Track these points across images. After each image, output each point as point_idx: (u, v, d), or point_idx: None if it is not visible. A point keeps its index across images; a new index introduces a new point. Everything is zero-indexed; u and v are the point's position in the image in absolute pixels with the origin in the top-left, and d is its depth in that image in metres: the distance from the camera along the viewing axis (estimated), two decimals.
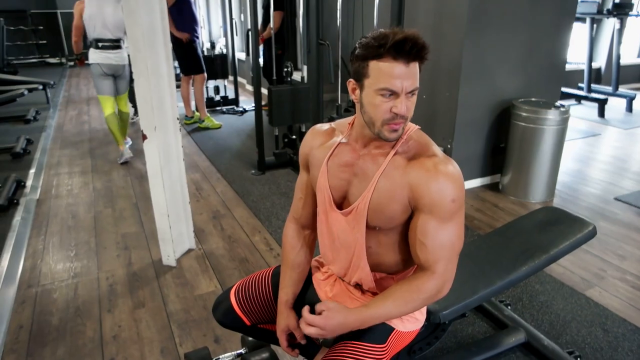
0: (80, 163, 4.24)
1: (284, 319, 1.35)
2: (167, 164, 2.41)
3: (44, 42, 10.71)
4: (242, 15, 7.28)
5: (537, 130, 3.20)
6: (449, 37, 3.24)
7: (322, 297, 1.39)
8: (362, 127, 1.16)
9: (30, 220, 3.11)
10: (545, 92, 3.57)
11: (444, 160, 1.11)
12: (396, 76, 1.02)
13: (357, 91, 1.12)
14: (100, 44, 3.93)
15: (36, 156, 4.34)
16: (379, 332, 1.24)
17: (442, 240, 1.11)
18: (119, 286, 2.40)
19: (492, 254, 1.74)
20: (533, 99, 3.40)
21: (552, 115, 3.14)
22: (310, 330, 1.10)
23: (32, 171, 3.96)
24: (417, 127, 1.21)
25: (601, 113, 5.75)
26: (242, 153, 4.43)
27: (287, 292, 1.36)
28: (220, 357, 1.76)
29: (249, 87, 7.49)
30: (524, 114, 3.22)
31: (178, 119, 2.45)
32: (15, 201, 3.30)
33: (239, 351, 1.77)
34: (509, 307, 2.15)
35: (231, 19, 5.91)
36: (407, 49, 1.00)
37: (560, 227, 1.81)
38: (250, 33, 4.14)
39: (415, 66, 1.04)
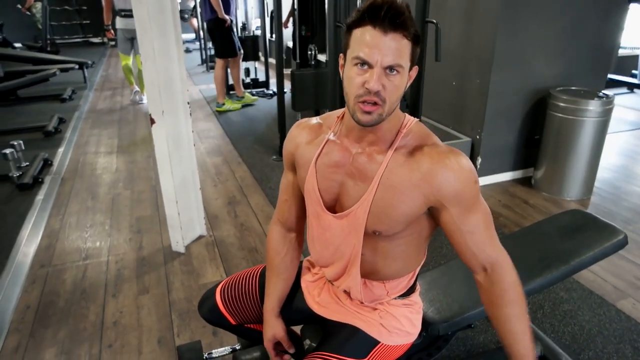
0: (108, 143, 4.30)
1: (271, 328, 1.27)
2: (176, 150, 2.36)
3: (88, 22, 11.00)
4: None
5: (575, 122, 2.95)
6: (481, 20, 3.02)
7: (309, 302, 1.30)
8: (351, 119, 1.03)
9: (52, 200, 3.16)
10: (589, 80, 3.29)
11: (447, 149, 1.00)
12: (370, 44, 0.90)
13: (343, 67, 1.00)
14: (122, 13, 5.00)
15: (66, 135, 4.43)
16: (361, 345, 1.14)
17: (482, 223, 1.04)
18: (126, 270, 2.39)
19: None
20: (573, 88, 3.14)
21: (592, 105, 2.88)
22: None
23: (60, 150, 4.04)
24: (416, 119, 1.08)
25: None
26: (266, 137, 4.36)
27: (272, 299, 1.28)
28: (213, 352, 1.70)
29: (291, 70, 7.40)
30: (562, 104, 2.97)
31: (189, 103, 2.39)
32: (40, 180, 3.37)
33: (232, 347, 1.71)
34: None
35: (263, 0, 5.80)
36: (381, 15, 0.88)
37: (585, 234, 1.63)
38: (273, 15, 4.02)
39: (396, 38, 0.90)
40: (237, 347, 1.71)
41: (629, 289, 2.23)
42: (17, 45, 8.62)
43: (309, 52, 3.79)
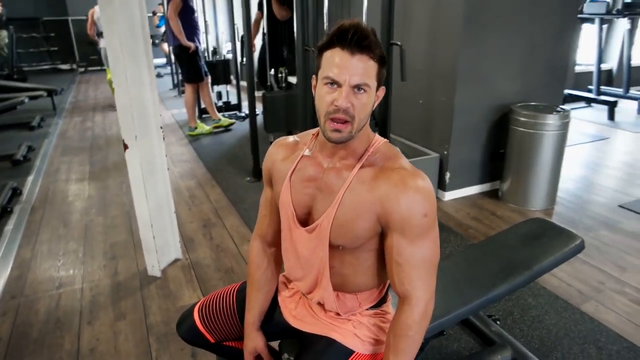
0: (79, 170, 4.26)
1: (251, 341, 1.30)
2: (150, 174, 2.38)
3: (56, 49, 10.88)
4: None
5: (536, 136, 3.11)
6: (444, 40, 3.17)
7: (286, 316, 1.34)
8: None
9: (21, 229, 3.11)
10: (547, 95, 3.47)
11: (412, 173, 1.05)
12: (339, 65, 0.98)
13: (315, 87, 1.07)
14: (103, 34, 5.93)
15: (36, 163, 4.37)
16: (337, 356, 1.18)
17: (417, 259, 1.06)
18: (102, 297, 2.37)
19: (470, 270, 1.66)
20: (532, 103, 3.30)
21: (551, 120, 3.04)
22: None
23: (30, 178, 3.98)
24: (385, 140, 1.15)
25: (611, 116, 5.59)
26: (239, 159, 4.39)
27: (253, 313, 1.31)
28: None
29: (256, 93, 7.47)
30: (522, 118, 3.13)
31: (162, 128, 2.42)
32: (9, 209, 3.31)
33: None
34: (498, 322, 2.06)
35: (233, 24, 5.90)
36: (349, 38, 0.96)
37: (544, 241, 1.72)
38: (243, 39, 4.11)
39: (362, 59, 0.98)
40: None
41: (592, 292, 2.33)
42: None
43: (280, 75, 3.87)
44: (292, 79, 4.13)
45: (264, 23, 4.20)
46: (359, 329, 1.22)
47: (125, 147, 2.26)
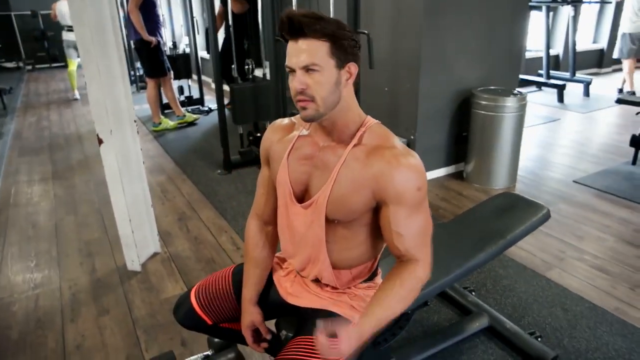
0: (40, 170, 4.11)
1: (249, 315, 1.35)
2: (126, 168, 2.36)
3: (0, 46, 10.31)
4: (203, 14, 7.17)
5: (496, 118, 3.27)
6: (407, 29, 3.27)
7: (282, 294, 1.39)
8: None
9: None
10: (504, 80, 3.65)
11: (403, 152, 1.12)
12: (289, 53, 1.07)
13: None
14: (67, 28, 6.35)
15: None
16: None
17: (416, 228, 1.13)
18: (82, 294, 2.34)
19: (450, 242, 1.77)
20: (492, 88, 3.47)
21: (509, 102, 3.21)
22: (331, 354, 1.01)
23: None
24: (377, 121, 1.21)
25: (560, 98, 5.91)
26: (208, 153, 4.37)
27: (251, 289, 1.36)
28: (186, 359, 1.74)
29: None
30: (483, 102, 3.28)
31: (135, 121, 2.40)
32: None
33: (205, 353, 1.75)
34: (473, 293, 2.20)
35: (192, 17, 5.81)
36: (287, 29, 1.04)
37: (516, 212, 1.85)
38: (208, 32, 4.08)
39: (306, 42, 1.04)
40: (209, 353, 1.75)
41: (555, 260, 2.51)
42: None
43: (246, 67, 3.88)
44: (258, 71, 4.14)
45: (228, 17, 4.17)
46: (355, 300, 1.29)
47: (100, 141, 2.23)
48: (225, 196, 3.40)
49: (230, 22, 4.21)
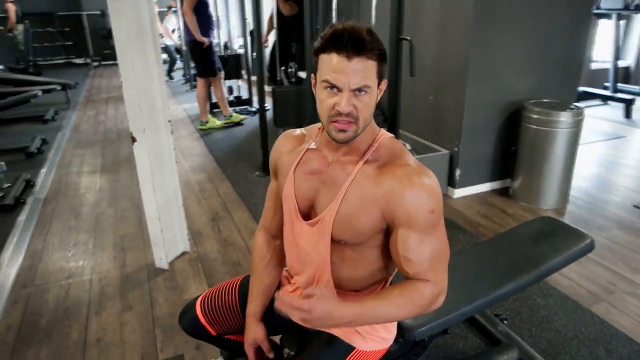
0: (91, 162, 4.30)
1: (252, 332, 1.30)
2: (158, 167, 2.39)
3: (70, 43, 10.99)
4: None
5: (548, 133, 3.05)
6: (455, 36, 3.13)
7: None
8: None
9: (34, 220, 3.15)
10: (560, 92, 3.40)
11: (417, 170, 1.04)
12: (337, 69, 0.97)
13: (315, 86, 1.06)
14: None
15: (49, 156, 4.42)
16: (337, 352, 1.17)
17: (427, 253, 1.05)
18: (110, 288, 2.40)
19: (478, 267, 1.64)
20: (545, 100, 3.25)
21: (564, 117, 2.99)
22: (293, 312, 0.97)
23: (43, 170, 4.03)
24: (391, 135, 1.14)
25: (627, 114, 5.48)
26: (250, 154, 4.40)
27: (255, 304, 1.31)
28: None
29: (266, 87, 7.47)
30: (535, 115, 3.08)
31: (170, 121, 2.43)
32: (22, 200, 3.36)
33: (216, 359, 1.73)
34: (505, 322, 2.03)
35: (244, 19, 5.90)
36: (344, 42, 0.94)
37: (555, 239, 1.69)
38: (253, 34, 4.11)
39: (360, 61, 0.96)
40: (220, 359, 1.72)
41: (603, 293, 2.29)
42: None
43: (290, 70, 3.86)
44: (302, 74, 4.12)
45: (274, 19, 4.19)
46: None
47: (134, 140, 2.27)
48: (261, 199, 3.39)
49: (275, 25, 4.21)
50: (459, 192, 3.39)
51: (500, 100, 3.27)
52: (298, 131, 1.27)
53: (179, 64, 8.89)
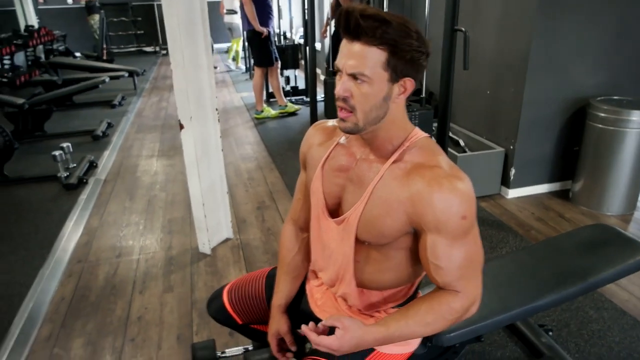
0: (150, 147, 4.50)
1: (276, 323, 1.30)
2: (204, 155, 2.45)
3: (142, 32, 11.54)
4: (310, 6, 7.24)
5: (616, 133, 2.81)
6: (516, 27, 2.94)
7: (312, 305, 1.32)
8: None
9: (93, 199, 3.35)
10: (633, 89, 3.12)
11: (449, 173, 0.96)
12: (341, 52, 0.94)
13: None
14: (226, 11, 7.96)
15: (113, 139, 4.68)
16: (355, 353, 1.14)
17: (458, 261, 0.98)
18: (154, 269, 2.50)
19: (518, 274, 1.54)
20: (615, 98, 2.99)
21: (635, 116, 2.74)
22: (321, 349, 0.99)
23: (106, 152, 4.27)
24: (426, 135, 1.07)
25: None
26: (300, 144, 4.40)
27: (280, 296, 1.30)
28: (227, 351, 1.74)
29: (321, 78, 7.47)
30: (602, 114, 2.84)
31: (217, 109, 2.48)
32: (85, 180, 3.57)
33: (246, 347, 1.75)
34: (550, 333, 1.90)
35: (304, 9, 5.89)
36: (345, 24, 0.91)
37: (607, 250, 1.55)
38: (307, 24, 4.09)
39: (361, 47, 0.90)
40: (250, 347, 1.74)
41: None
42: (77, 54, 9.17)
43: None
44: None
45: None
46: None
47: (181, 127, 2.33)
48: None
49: (330, 15, 4.17)
50: (512, 193, 3.21)
51: (563, 97, 3.05)
52: (330, 123, 1.23)
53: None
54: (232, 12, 7.96)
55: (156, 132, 4.98)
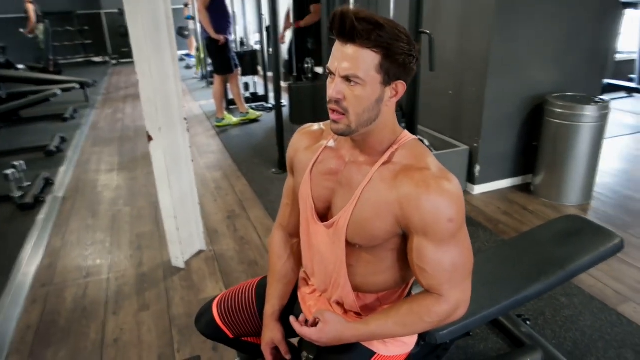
0: (108, 160, 4.33)
1: (269, 332, 1.27)
2: (174, 166, 2.38)
3: (90, 42, 11.12)
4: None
5: (572, 128, 2.96)
6: (476, 28, 3.05)
7: (306, 312, 1.30)
8: None
9: (53, 219, 3.18)
10: (585, 85, 3.29)
11: (437, 174, 0.97)
12: (333, 54, 0.95)
13: None
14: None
15: (68, 154, 4.46)
16: (358, 357, 1.13)
17: (443, 265, 0.99)
18: (127, 287, 2.40)
19: (501, 268, 1.59)
20: (569, 94, 3.15)
21: (588, 111, 2.89)
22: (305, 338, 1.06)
23: (62, 169, 4.07)
24: (414, 137, 1.08)
25: None
26: (265, 151, 4.38)
27: (273, 304, 1.28)
28: None
29: (282, 84, 7.44)
30: (558, 110, 2.98)
31: (186, 119, 2.42)
32: (41, 199, 3.39)
33: None
34: (528, 323, 1.97)
35: (260, 15, 5.87)
36: (338, 26, 0.91)
37: (581, 239, 1.63)
38: (269, 30, 4.08)
39: (354, 49, 0.91)
40: None
41: (630, 293, 2.21)
42: (20, 66, 8.72)
43: (306, 65, 3.82)
44: (319, 70, 4.08)
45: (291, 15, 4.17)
46: None
47: (150, 138, 2.26)
48: (277, 196, 3.37)
49: (292, 20, 4.17)
50: (478, 189, 3.31)
51: (522, 94, 3.18)
52: (316, 126, 1.23)
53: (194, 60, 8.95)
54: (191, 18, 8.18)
55: (114, 145, 4.80)
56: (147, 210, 3.26)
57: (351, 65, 0.92)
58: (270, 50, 4.12)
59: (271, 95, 6.44)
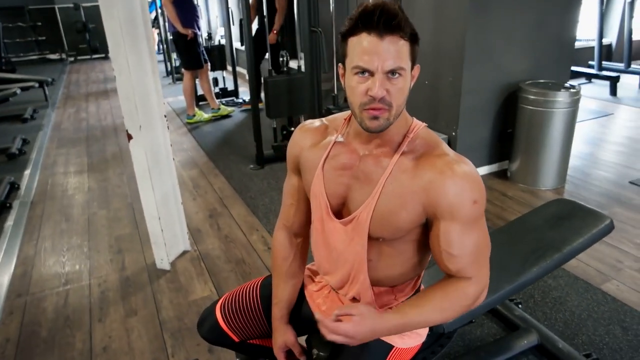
0: (76, 162, 4.15)
1: (281, 336, 1.24)
2: (156, 165, 2.29)
3: (43, 38, 10.63)
4: (239, 4, 7.10)
5: (545, 114, 3.04)
6: (451, 19, 3.07)
7: (314, 310, 1.28)
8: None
9: (22, 225, 3.02)
10: (555, 72, 3.39)
11: (456, 160, 0.98)
12: (368, 51, 0.90)
13: (344, 76, 0.99)
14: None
15: (32, 156, 4.26)
16: (377, 352, 1.12)
17: (470, 247, 1.00)
18: (111, 293, 2.31)
19: (499, 255, 1.59)
20: (541, 81, 3.23)
21: (561, 97, 2.98)
22: (336, 338, 0.96)
23: (27, 172, 3.88)
24: (424, 124, 1.07)
25: (613, 91, 5.54)
26: (241, 147, 4.30)
27: (281, 306, 1.25)
28: None
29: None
30: (531, 96, 3.06)
31: (165, 116, 2.33)
32: (8, 205, 3.22)
33: None
34: (520, 306, 2.02)
35: (227, 8, 5.75)
36: (376, 19, 0.88)
37: (573, 222, 1.67)
38: (242, 22, 3.99)
39: (393, 41, 0.90)
40: None
41: (612, 272, 2.30)
42: None
43: (281, 59, 3.76)
44: (293, 64, 4.03)
45: (262, 7, 4.08)
46: None
47: (129, 137, 2.17)
48: (258, 192, 3.32)
49: (265, 13, 4.10)
50: None
51: (497, 83, 3.24)
52: (317, 122, 1.19)
53: (159, 56, 8.69)
54: None
55: (81, 146, 4.60)
56: (124, 211, 3.14)
57: (396, 57, 0.90)
58: (243, 44, 4.03)
59: (241, 90, 6.35)
